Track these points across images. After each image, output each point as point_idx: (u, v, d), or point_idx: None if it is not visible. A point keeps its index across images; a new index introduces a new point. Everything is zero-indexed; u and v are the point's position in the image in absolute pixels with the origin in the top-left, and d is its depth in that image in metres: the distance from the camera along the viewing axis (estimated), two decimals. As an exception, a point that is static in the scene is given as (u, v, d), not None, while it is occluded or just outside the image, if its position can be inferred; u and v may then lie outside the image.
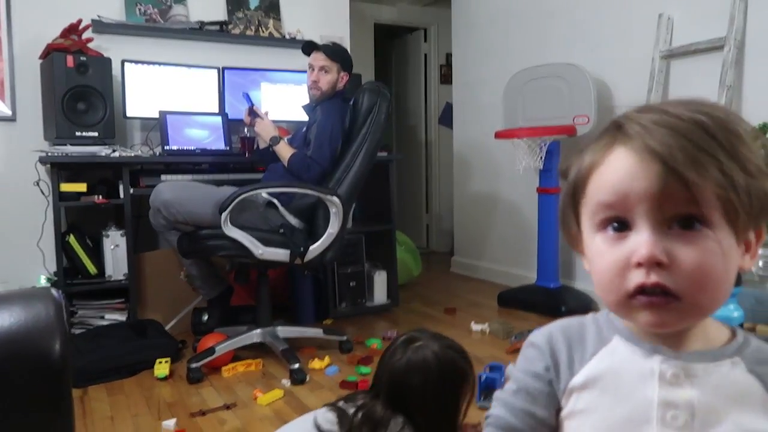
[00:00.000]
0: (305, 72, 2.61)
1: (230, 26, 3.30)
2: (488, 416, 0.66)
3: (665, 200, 0.50)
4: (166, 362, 2.26)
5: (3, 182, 2.79)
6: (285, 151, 2.47)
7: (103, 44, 2.94)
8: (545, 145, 3.02)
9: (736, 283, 0.80)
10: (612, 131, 0.55)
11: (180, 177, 2.75)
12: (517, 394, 0.64)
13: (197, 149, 2.94)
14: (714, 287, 0.52)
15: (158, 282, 2.80)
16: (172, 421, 1.83)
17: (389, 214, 3.21)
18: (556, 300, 2.98)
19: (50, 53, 2.67)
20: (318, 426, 1.20)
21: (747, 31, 2.49)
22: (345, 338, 2.52)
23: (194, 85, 3.09)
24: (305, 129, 2.57)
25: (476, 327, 2.75)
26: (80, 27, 2.82)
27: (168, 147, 2.86)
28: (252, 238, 2.22)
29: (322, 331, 2.54)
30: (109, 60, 2.78)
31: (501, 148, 3.63)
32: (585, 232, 0.57)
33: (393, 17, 5.19)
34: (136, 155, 2.77)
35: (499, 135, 3.18)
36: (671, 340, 0.56)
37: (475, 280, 3.93)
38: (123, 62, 2.89)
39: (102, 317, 2.59)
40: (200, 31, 3.20)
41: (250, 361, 2.32)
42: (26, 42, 2.84)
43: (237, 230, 2.19)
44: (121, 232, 2.63)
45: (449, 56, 4.79)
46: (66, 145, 2.58)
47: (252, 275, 2.58)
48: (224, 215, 2.14)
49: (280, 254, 2.27)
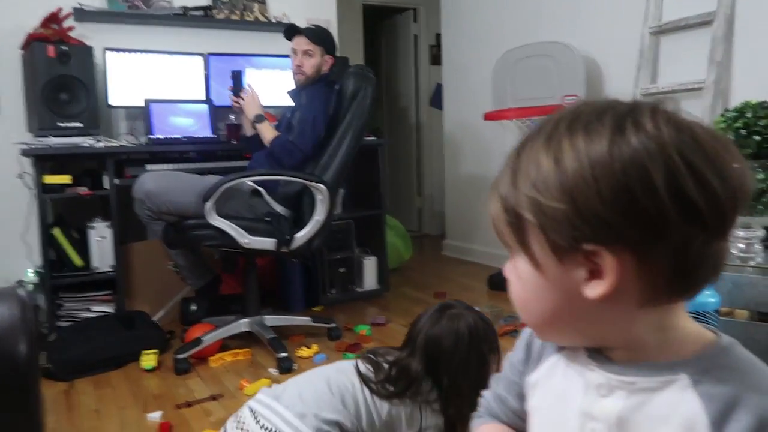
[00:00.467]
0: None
1: (214, 11, 3.24)
2: (483, 395, 0.71)
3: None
4: (154, 354, 2.26)
5: (-14, 175, 2.76)
6: (268, 133, 2.45)
7: (85, 32, 2.89)
8: (534, 125, 2.99)
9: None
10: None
11: (166, 166, 2.72)
12: (500, 380, 0.68)
13: (183, 137, 2.90)
14: (521, 310, 0.54)
15: (146, 273, 2.79)
16: (158, 414, 1.83)
17: (379, 199, 3.19)
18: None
19: (31, 43, 2.62)
20: (360, 371, 1.25)
21: (736, 5, 2.45)
22: (334, 325, 2.51)
23: (179, 73, 3.04)
24: (290, 114, 2.54)
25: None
26: (61, 15, 2.77)
27: (153, 136, 2.83)
28: (237, 227, 2.20)
29: (311, 319, 2.53)
30: (91, 48, 2.73)
31: (491, 129, 3.60)
32: None
33: (382, -2, 5.12)
34: (121, 145, 2.74)
35: (489, 116, 3.15)
36: (621, 351, 0.52)
37: (467, 263, 3.93)
38: (105, 50, 2.85)
39: (89, 309, 2.58)
40: (184, 17, 3.15)
41: (238, 351, 2.32)
42: (6, 33, 2.79)
43: (222, 220, 2.18)
44: (107, 224, 2.61)
45: (439, 36, 4.73)
46: (48, 137, 2.55)
47: (240, 264, 2.57)
48: (208, 205, 2.12)
49: (267, 243, 2.25)
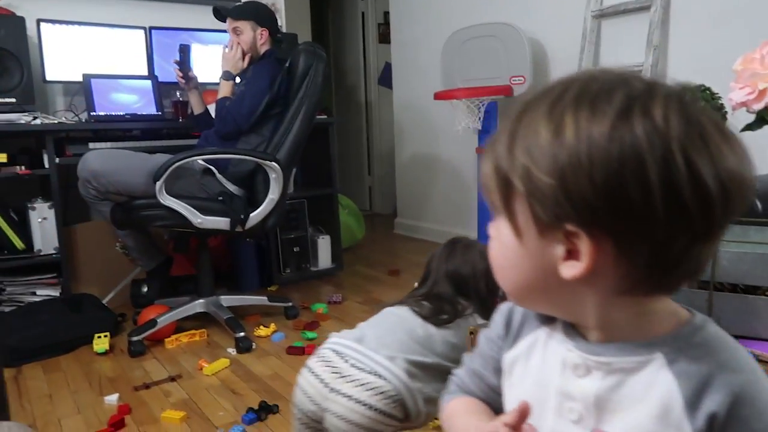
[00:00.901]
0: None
1: (156, -17, 3.12)
2: (454, 373, 0.69)
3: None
4: (105, 337, 2.20)
5: None
6: (221, 92, 2.43)
7: (14, 2, 2.73)
8: (483, 106, 3.06)
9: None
10: None
11: (110, 145, 2.63)
12: (475, 357, 0.66)
13: (126, 114, 2.80)
14: (496, 271, 0.53)
15: (92, 255, 2.70)
16: (115, 396, 1.80)
17: (331, 178, 3.19)
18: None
19: (-45, 13, 2.46)
20: (418, 312, 1.26)
21: (673, -8, 2.57)
22: (290, 304, 2.52)
23: (120, 47, 2.92)
24: (237, 89, 2.50)
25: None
26: (-13, -17, 2.61)
27: (94, 113, 2.72)
28: (190, 207, 2.16)
29: (267, 299, 2.52)
30: (23, 19, 2.58)
31: (441, 109, 3.64)
32: None
33: (328, -26, 5.05)
34: (60, 122, 2.61)
35: (438, 96, 3.18)
36: (596, 331, 0.51)
37: (418, 241, 3.99)
38: (39, 21, 2.70)
39: (33, 293, 2.48)
40: (124, -12, 3.02)
41: (194, 332, 2.29)
42: (-73, 0, 2.60)
43: (173, 199, 2.13)
44: (49, 204, 2.51)
45: (387, 14, 4.72)
46: (-20, 113, 2.41)
47: (192, 244, 2.53)
48: (159, 184, 2.07)
49: (220, 222, 2.22)
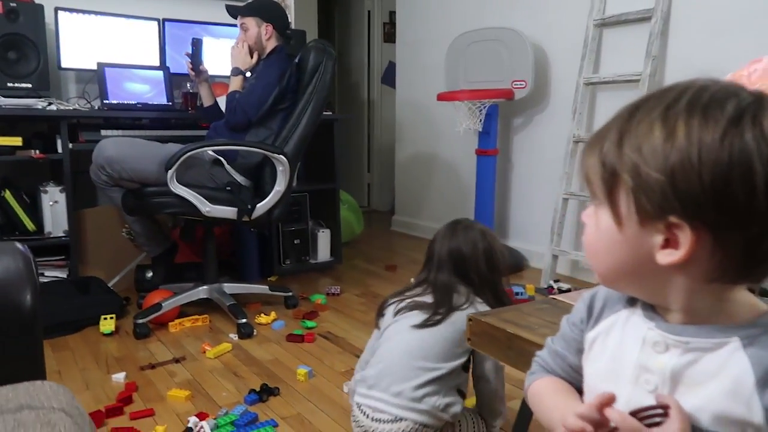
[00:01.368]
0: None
1: (170, -24, 3.19)
2: (537, 355, 0.76)
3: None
4: (111, 318, 2.28)
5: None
6: (232, 86, 2.50)
7: (34, -10, 2.79)
8: (485, 108, 3.14)
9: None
10: None
11: (120, 132, 2.70)
12: (558, 339, 0.74)
13: (138, 104, 2.87)
14: (590, 255, 0.59)
15: (99, 239, 2.77)
16: (122, 375, 1.87)
17: (333, 174, 3.27)
18: (491, 257, 3.15)
19: (-24, -1, 2.52)
20: (416, 325, 1.34)
21: (672, 3, 2.65)
22: (290, 294, 2.60)
23: (134, 37, 2.99)
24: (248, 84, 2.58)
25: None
26: (8, -29, 2.67)
27: (107, 101, 2.79)
28: (199, 196, 2.23)
29: (268, 288, 2.60)
30: (42, 7, 2.65)
31: (442, 109, 3.72)
32: None
33: (337, -28, 5.11)
34: (75, 108, 2.69)
35: (441, 97, 3.26)
36: (678, 313, 0.57)
37: (415, 238, 4.08)
38: (56, 9, 2.77)
39: (42, 274, 2.55)
40: (138, -20, 3.09)
41: (197, 317, 2.37)
42: (-53, -16, 2.66)
43: (184, 188, 2.20)
44: (60, 188, 2.58)
45: (393, 14, 4.79)
46: (-3, 97, 2.48)
47: (198, 232, 2.60)
48: (171, 172, 2.15)
49: (228, 212, 2.30)
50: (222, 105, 2.58)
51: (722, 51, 2.46)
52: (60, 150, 2.55)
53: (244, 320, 2.25)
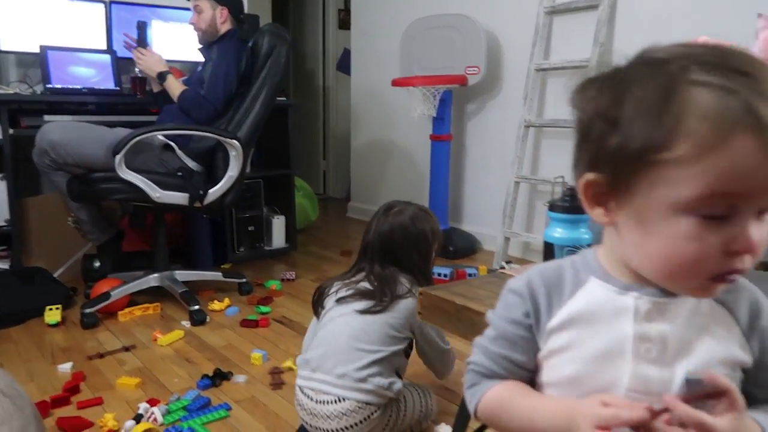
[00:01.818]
0: (197, 11, 2.54)
1: (115, -44, 3.07)
2: (469, 362, 0.67)
3: None
4: (57, 309, 2.21)
5: None
6: (175, 87, 2.43)
7: (-32, -32, 2.66)
8: (439, 94, 3.16)
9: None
10: (737, 111, 0.47)
11: (65, 118, 2.61)
12: (496, 341, 0.65)
13: (84, 88, 2.78)
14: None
15: (44, 228, 2.68)
16: (68, 365, 1.82)
17: (288, 160, 3.24)
18: (445, 241, 3.18)
19: None
20: (361, 311, 1.37)
21: (619, -7, 2.72)
22: (245, 280, 2.57)
23: (78, 19, 2.88)
24: (200, 69, 2.52)
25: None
26: (-62, -54, 2.53)
27: (50, 85, 2.68)
28: (148, 182, 2.18)
29: (222, 274, 2.57)
30: (-24, -14, 2.53)
31: (397, 96, 3.72)
32: (651, 206, 0.52)
33: (290, -43, 5.04)
34: (15, 93, 2.58)
35: (396, 83, 3.27)
36: (644, 278, 0.57)
37: (372, 224, 4.08)
38: (-8, -11, 2.64)
39: (-18, 265, 2.45)
40: (81, -40, 2.97)
41: (148, 305, 2.32)
42: None
43: (133, 173, 2.15)
44: (1, 176, 2.47)
45: (348, 1, 4.76)
46: (-71, 80, 2.36)
47: (148, 219, 2.54)
48: (118, 157, 2.09)
49: (179, 197, 2.25)
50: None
51: (667, 37, 2.53)
52: (0, 136, 2.44)
53: (197, 307, 2.22)
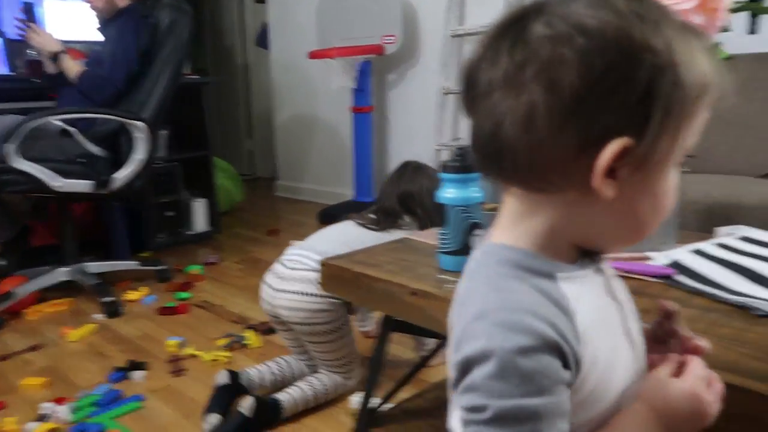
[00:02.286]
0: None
1: (-4, -72, 2.83)
2: None
3: None
4: (-44, 312, 2.06)
5: None
6: (72, 68, 2.27)
7: None
8: (357, 65, 3.11)
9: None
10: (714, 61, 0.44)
11: (-51, 106, 2.41)
12: (551, 421, 0.42)
13: (-31, 74, 2.57)
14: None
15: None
16: (-32, 370, 1.70)
17: (205, 140, 3.12)
18: (374, 214, 3.17)
19: None
20: (358, 222, 1.54)
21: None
22: (163, 267, 2.47)
23: (-43, -2, 2.65)
24: (100, 48, 2.37)
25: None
26: None
27: (-71, 71, 2.46)
28: (47, 170, 2.04)
29: (138, 263, 2.46)
30: None
31: (317, 69, 3.64)
32: (669, 161, 0.45)
33: (198, -72, 4.81)
34: None
35: (313, 55, 3.19)
36: (571, 255, 0.49)
37: (299, 202, 4.02)
38: None
39: None
40: (-44, -68, 2.71)
41: (58, 301, 2.19)
42: None
43: (28, 163, 2.00)
44: None
45: (261, -27, 4.59)
46: None
47: (51, 210, 2.40)
48: (11, 147, 1.94)
49: (82, 185, 2.12)
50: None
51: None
52: None
53: (110, 298, 2.11)
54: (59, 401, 1.49)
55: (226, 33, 5.25)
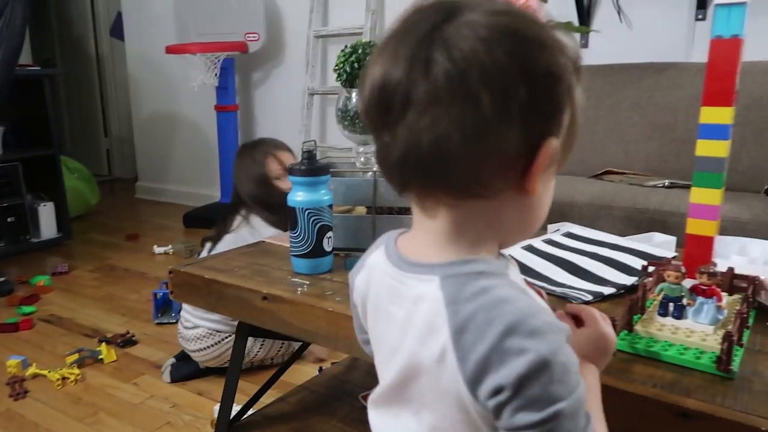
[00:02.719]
0: None
1: None
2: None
3: None
4: None
5: None
6: None
7: None
8: (219, 62, 3.01)
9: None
10: (572, 71, 0.46)
11: None
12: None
13: None
14: None
15: None
16: None
17: (50, 138, 2.87)
18: (241, 214, 3.10)
19: None
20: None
21: (389, -39, 2.81)
22: (2, 279, 2.24)
23: None
24: None
25: (159, 249, 2.72)
26: None
27: None
28: None
29: (-29, 276, 2.22)
30: None
31: (177, 64, 3.47)
32: (562, 160, 0.48)
33: None
34: None
35: (171, 50, 3.05)
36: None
37: (162, 204, 3.82)
38: None
39: None
40: None
41: None
42: None
43: None
44: None
45: (115, -41, 4.30)
46: None
47: None
48: None
49: None
50: None
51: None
52: None
53: (-64, 317, 1.88)
54: None
55: (77, 21, 4.85)
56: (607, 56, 2.15)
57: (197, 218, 3.17)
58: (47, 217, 2.85)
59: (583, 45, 2.34)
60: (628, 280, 0.86)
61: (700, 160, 0.79)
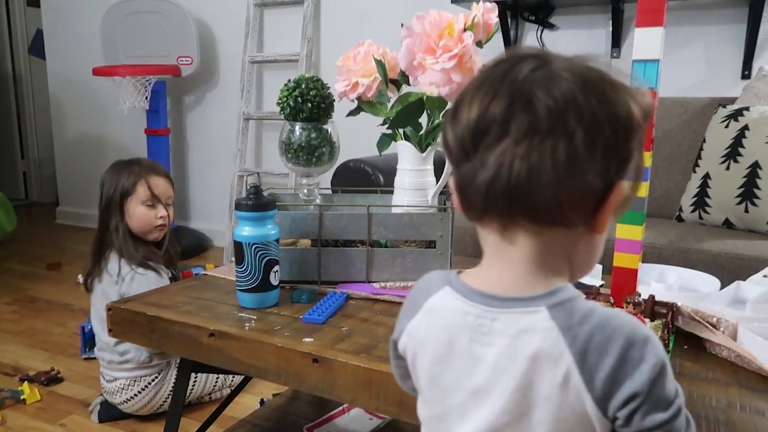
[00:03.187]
0: None
1: None
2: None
3: None
4: None
5: None
6: None
7: None
8: (150, 85, 2.95)
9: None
10: (642, 121, 0.51)
11: None
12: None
13: None
14: None
15: None
16: None
17: (-36, 162, 2.70)
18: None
19: None
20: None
21: (322, -11, 2.85)
22: None
23: None
24: None
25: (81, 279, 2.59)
26: None
27: None
28: None
29: None
30: None
31: (105, 86, 3.37)
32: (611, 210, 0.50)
33: None
34: None
35: (98, 72, 2.96)
36: None
37: (86, 230, 3.65)
38: None
39: None
40: None
41: None
42: None
43: None
44: None
45: (35, -25, 4.14)
46: None
47: None
48: None
49: None
50: None
51: (367, 33, 2.73)
52: None
53: None
54: None
55: (-9, 37, 4.62)
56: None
57: (125, 245, 3.05)
58: (-41, 246, 2.67)
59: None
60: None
61: (624, 198, 0.86)
